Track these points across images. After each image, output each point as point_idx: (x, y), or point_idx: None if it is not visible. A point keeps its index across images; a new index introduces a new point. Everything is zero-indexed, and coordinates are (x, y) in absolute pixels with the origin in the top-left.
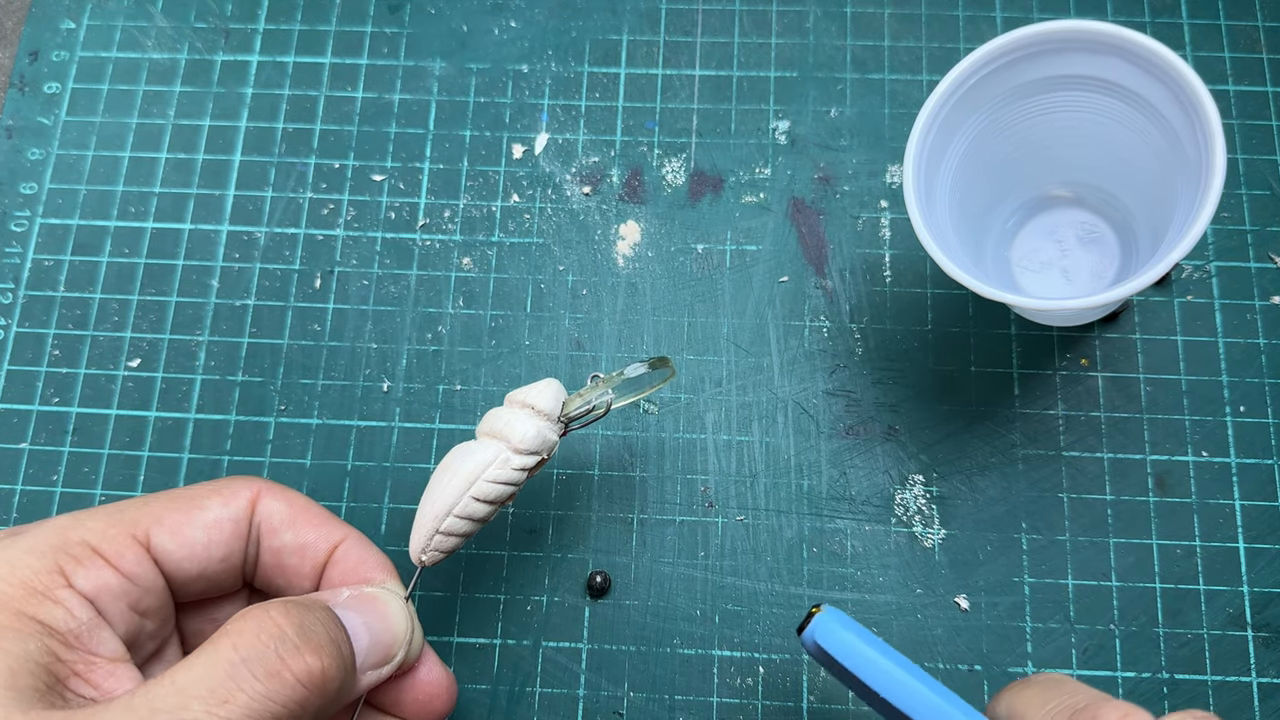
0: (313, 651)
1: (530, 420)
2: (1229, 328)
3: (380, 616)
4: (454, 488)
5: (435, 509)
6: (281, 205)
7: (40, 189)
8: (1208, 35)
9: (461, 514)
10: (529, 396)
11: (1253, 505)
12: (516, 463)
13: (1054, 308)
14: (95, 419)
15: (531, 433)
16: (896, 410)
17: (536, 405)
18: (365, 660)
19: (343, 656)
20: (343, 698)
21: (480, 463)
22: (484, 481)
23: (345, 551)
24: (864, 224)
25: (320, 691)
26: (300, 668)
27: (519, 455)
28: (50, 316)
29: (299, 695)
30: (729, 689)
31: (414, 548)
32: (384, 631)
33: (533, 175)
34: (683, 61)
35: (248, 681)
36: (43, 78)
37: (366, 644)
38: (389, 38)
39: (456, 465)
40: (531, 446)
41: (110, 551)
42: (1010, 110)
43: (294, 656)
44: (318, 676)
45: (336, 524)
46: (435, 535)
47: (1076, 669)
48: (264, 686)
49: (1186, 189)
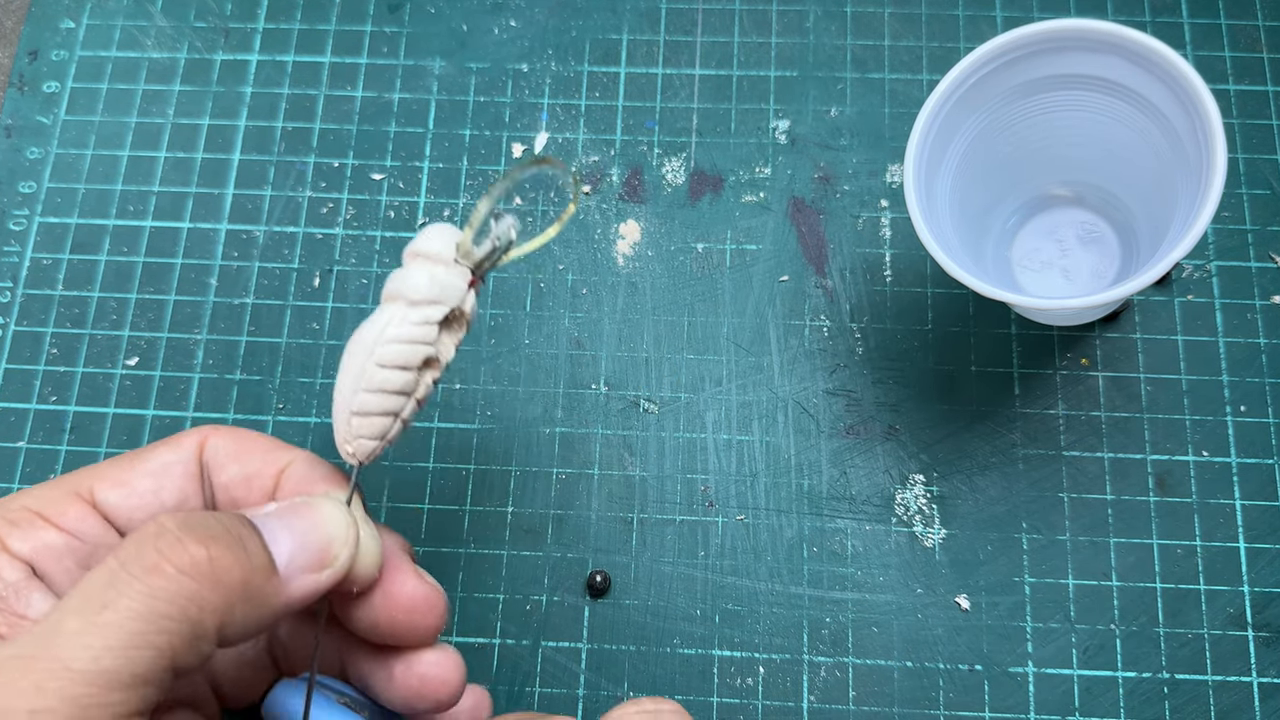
0: (196, 541)
1: (420, 267)
2: (1229, 327)
3: (304, 518)
4: (357, 361)
5: (344, 389)
6: (280, 204)
7: (39, 188)
8: (1208, 34)
9: (370, 387)
10: (416, 245)
11: (1253, 505)
12: (415, 316)
13: (1054, 307)
14: (93, 417)
15: (423, 280)
16: (897, 410)
17: (423, 250)
18: (291, 562)
19: (243, 549)
20: (261, 599)
21: (375, 326)
22: (383, 345)
23: (290, 473)
24: (864, 223)
25: (214, 583)
26: (183, 558)
27: (416, 308)
28: (48, 315)
29: (185, 588)
30: (729, 689)
31: (338, 440)
32: (310, 531)
33: (532, 174)
34: (683, 61)
35: (125, 582)
36: (42, 77)
37: (290, 546)
38: (388, 37)
39: (356, 338)
40: (426, 294)
41: (51, 512)
42: (1011, 109)
43: (174, 547)
44: (202, 565)
45: (284, 449)
46: (352, 419)
47: (1077, 669)
48: (143, 584)
49: (1187, 188)
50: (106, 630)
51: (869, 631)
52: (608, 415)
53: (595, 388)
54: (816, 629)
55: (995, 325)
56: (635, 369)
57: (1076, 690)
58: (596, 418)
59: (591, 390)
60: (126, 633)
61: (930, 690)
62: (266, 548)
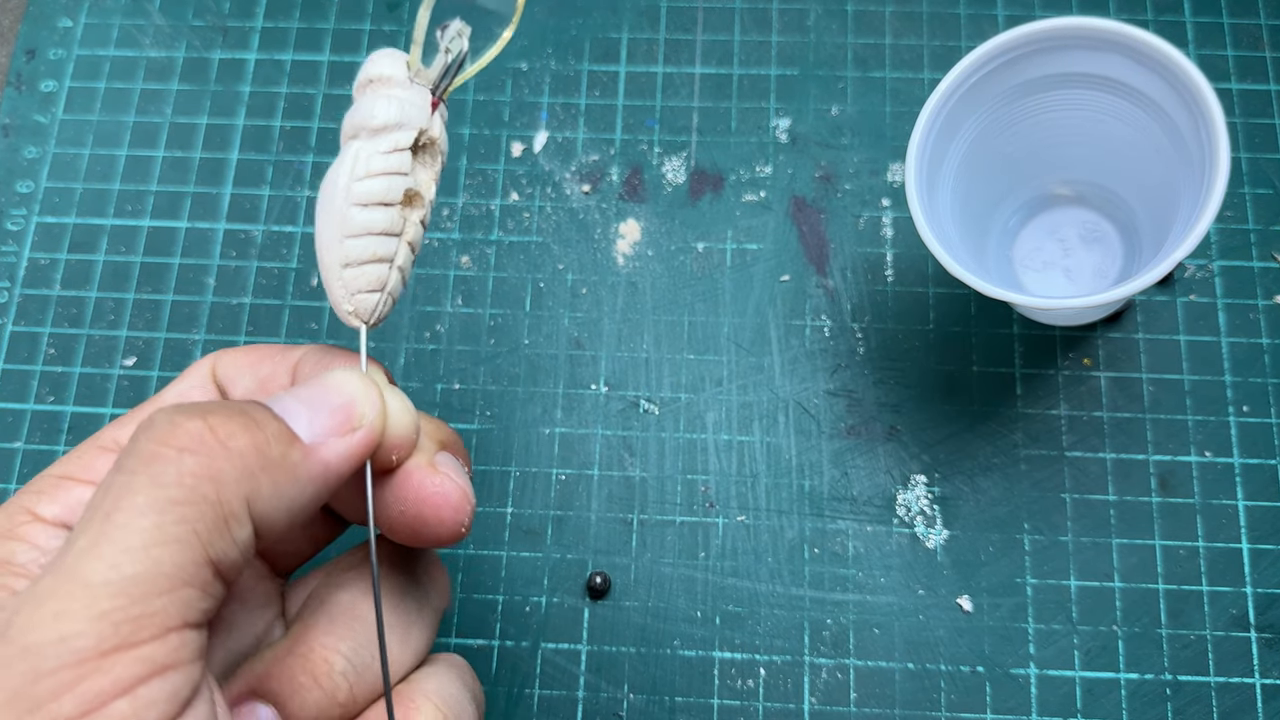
0: (189, 416)
1: (375, 95)
2: (1232, 327)
3: (316, 386)
4: (333, 209)
5: (327, 244)
6: (279, 203)
7: (37, 187)
8: (1210, 33)
9: (353, 232)
10: (365, 72)
11: (1256, 506)
12: (383, 145)
13: (1057, 306)
14: (91, 418)
15: (380, 105)
16: (898, 410)
17: (374, 75)
18: (313, 427)
19: (250, 419)
20: (288, 465)
21: (343, 169)
22: (355, 182)
23: (303, 364)
24: (865, 223)
25: (224, 452)
26: (179, 437)
27: (382, 136)
28: (46, 315)
29: (190, 464)
30: (729, 691)
31: (336, 306)
32: (325, 395)
33: (532, 173)
34: (683, 59)
35: (125, 480)
36: (39, 76)
37: (308, 414)
38: (388, 36)
39: (324, 188)
40: (387, 119)
41: (76, 469)
42: (1012, 108)
43: (168, 430)
44: (205, 435)
45: (294, 348)
46: (343, 273)
47: (1079, 670)
48: (144, 476)
49: (1190, 188)
50: (116, 534)
51: (870, 633)
52: (608, 416)
53: (595, 388)
54: (818, 630)
55: (997, 325)
56: (635, 369)
57: (1079, 692)
58: (596, 418)
59: (591, 390)
60: (138, 530)
61: (932, 692)
62: (276, 416)
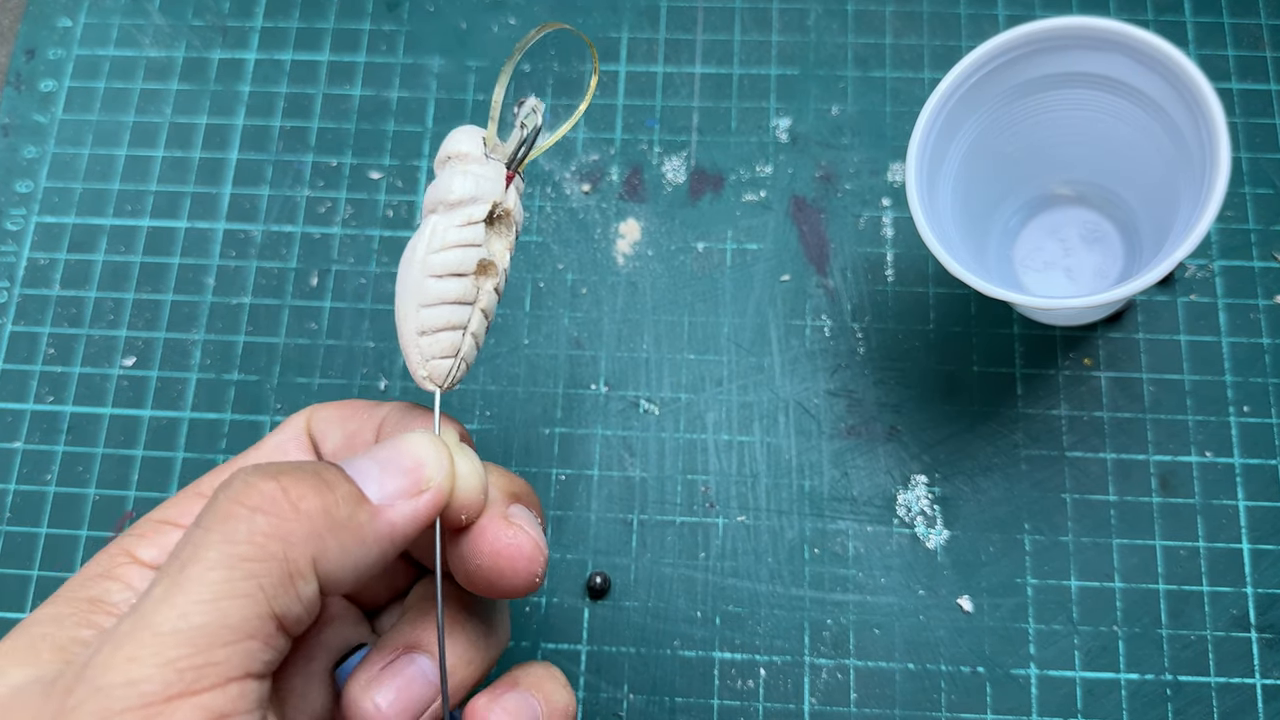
0: (265, 477)
1: (452, 169)
2: (1233, 327)
3: (388, 448)
4: (410, 280)
5: (405, 313)
6: (278, 203)
7: (36, 187)
8: (1211, 33)
9: (428, 301)
10: (444, 149)
11: (1257, 506)
12: (458, 218)
13: (1057, 306)
14: (90, 418)
15: (458, 179)
16: (898, 410)
17: (453, 152)
18: (384, 489)
19: (320, 478)
20: (354, 526)
21: (421, 241)
22: (431, 255)
23: (386, 423)
24: (866, 222)
25: (294, 514)
26: (253, 497)
27: (457, 209)
28: (45, 315)
29: (261, 524)
30: (730, 691)
31: (414, 371)
32: (397, 458)
33: (532, 173)
34: (683, 59)
35: (201, 537)
36: (39, 76)
37: (379, 475)
38: (387, 35)
39: (404, 260)
40: (462, 193)
41: (175, 515)
42: (1013, 108)
43: (243, 490)
44: (278, 497)
45: (382, 405)
46: (419, 340)
47: (1079, 670)
48: (218, 533)
49: (1190, 188)
50: (188, 585)
51: (870, 633)
52: (608, 416)
53: (595, 388)
54: (818, 631)
55: (997, 325)
56: (635, 369)
57: (1079, 692)
58: (596, 418)
59: (591, 390)
60: (209, 584)
61: (932, 692)
62: (348, 479)
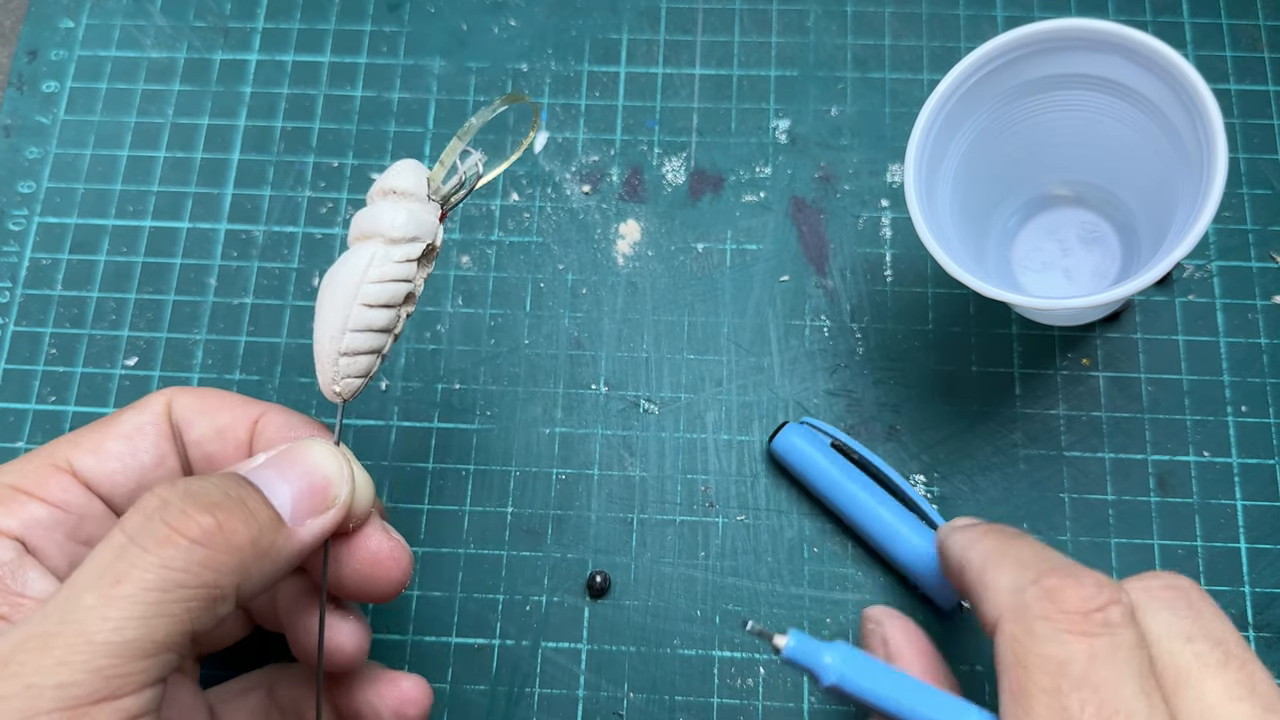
0: (202, 509)
1: (396, 205)
2: (1231, 327)
3: (299, 463)
4: (340, 302)
5: (329, 331)
6: (280, 204)
7: (38, 188)
8: (1209, 34)
9: (356, 327)
10: (388, 181)
11: (1255, 505)
12: (397, 254)
13: (1055, 307)
14: (92, 418)
15: (401, 217)
16: (897, 410)
17: (399, 188)
18: (295, 509)
19: (247, 510)
20: (273, 552)
21: (357, 267)
22: (368, 285)
23: (266, 424)
24: (865, 223)
25: (226, 547)
26: (191, 528)
27: (397, 246)
28: (48, 315)
29: (199, 556)
30: (729, 690)
31: (323, 383)
32: (306, 475)
33: (532, 174)
34: (683, 60)
35: (136, 556)
36: (41, 76)
37: (289, 494)
38: (388, 36)
39: (335, 279)
40: (405, 232)
41: (31, 484)
42: (1011, 109)
43: (181, 519)
44: (214, 533)
45: (254, 403)
46: (339, 359)
47: None
48: (155, 556)
49: (1188, 188)
50: (124, 602)
51: None
52: (608, 415)
53: (595, 388)
54: (817, 630)
55: (996, 325)
56: (635, 369)
57: None
58: (596, 418)
59: (591, 390)
60: (144, 604)
61: None
62: (269, 504)
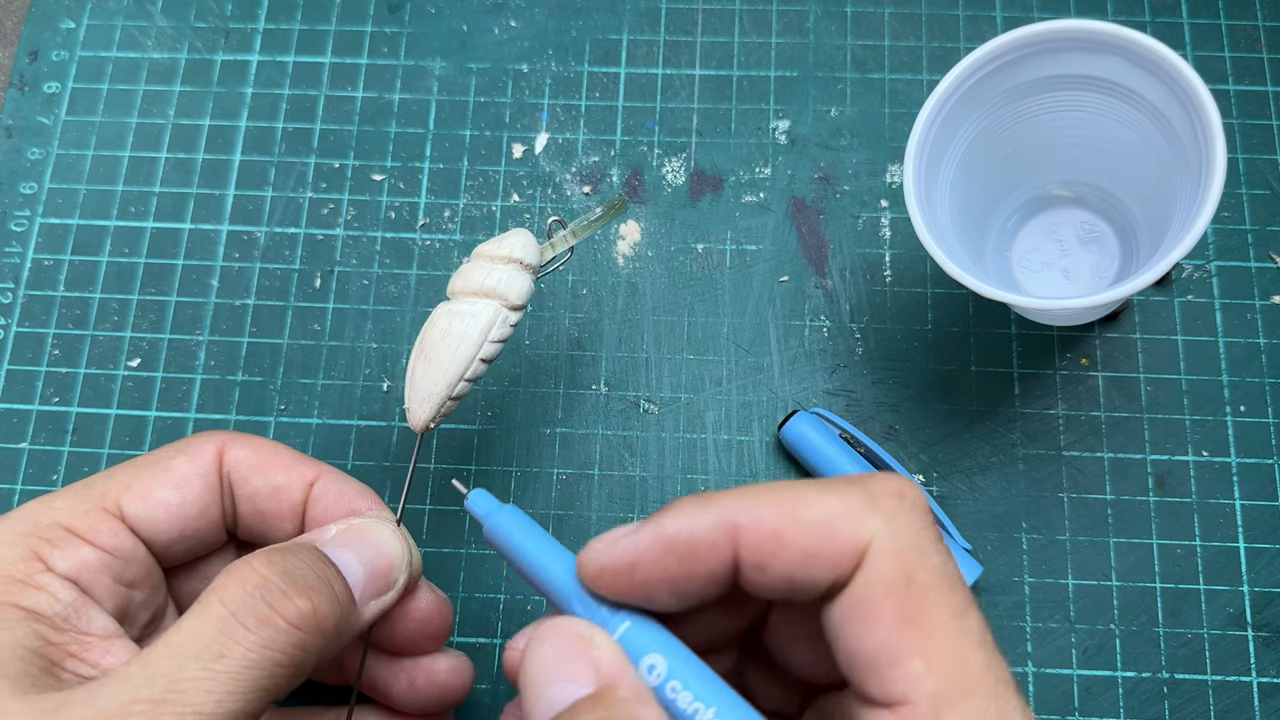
0: (301, 593)
1: (522, 275)
2: (1229, 327)
3: (371, 545)
4: (464, 353)
5: (448, 377)
6: (281, 205)
7: (40, 188)
8: (1208, 35)
9: (471, 376)
10: (514, 250)
11: (1253, 505)
12: (514, 319)
13: (1054, 307)
14: (95, 419)
15: (527, 288)
16: (897, 410)
17: (525, 259)
18: (364, 592)
19: (334, 593)
20: (346, 633)
21: (485, 324)
22: (490, 343)
23: (322, 488)
24: (864, 223)
25: (317, 631)
26: (291, 612)
27: (515, 312)
28: (50, 316)
29: (295, 639)
30: None
31: (419, 418)
32: (377, 559)
33: (533, 175)
34: (683, 61)
35: (240, 634)
36: (43, 77)
37: (362, 576)
38: (389, 37)
39: (460, 330)
40: (525, 301)
41: (84, 528)
42: (1010, 110)
43: (282, 602)
44: (310, 618)
45: (308, 463)
46: (448, 402)
47: (1076, 669)
48: (257, 636)
49: (1187, 188)
50: (225, 678)
51: None
52: (608, 416)
53: (595, 388)
54: None
55: (995, 325)
56: (635, 369)
57: (1076, 690)
58: (597, 418)
59: (592, 391)
60: (245, 680)
61: None
62: (348, 586)
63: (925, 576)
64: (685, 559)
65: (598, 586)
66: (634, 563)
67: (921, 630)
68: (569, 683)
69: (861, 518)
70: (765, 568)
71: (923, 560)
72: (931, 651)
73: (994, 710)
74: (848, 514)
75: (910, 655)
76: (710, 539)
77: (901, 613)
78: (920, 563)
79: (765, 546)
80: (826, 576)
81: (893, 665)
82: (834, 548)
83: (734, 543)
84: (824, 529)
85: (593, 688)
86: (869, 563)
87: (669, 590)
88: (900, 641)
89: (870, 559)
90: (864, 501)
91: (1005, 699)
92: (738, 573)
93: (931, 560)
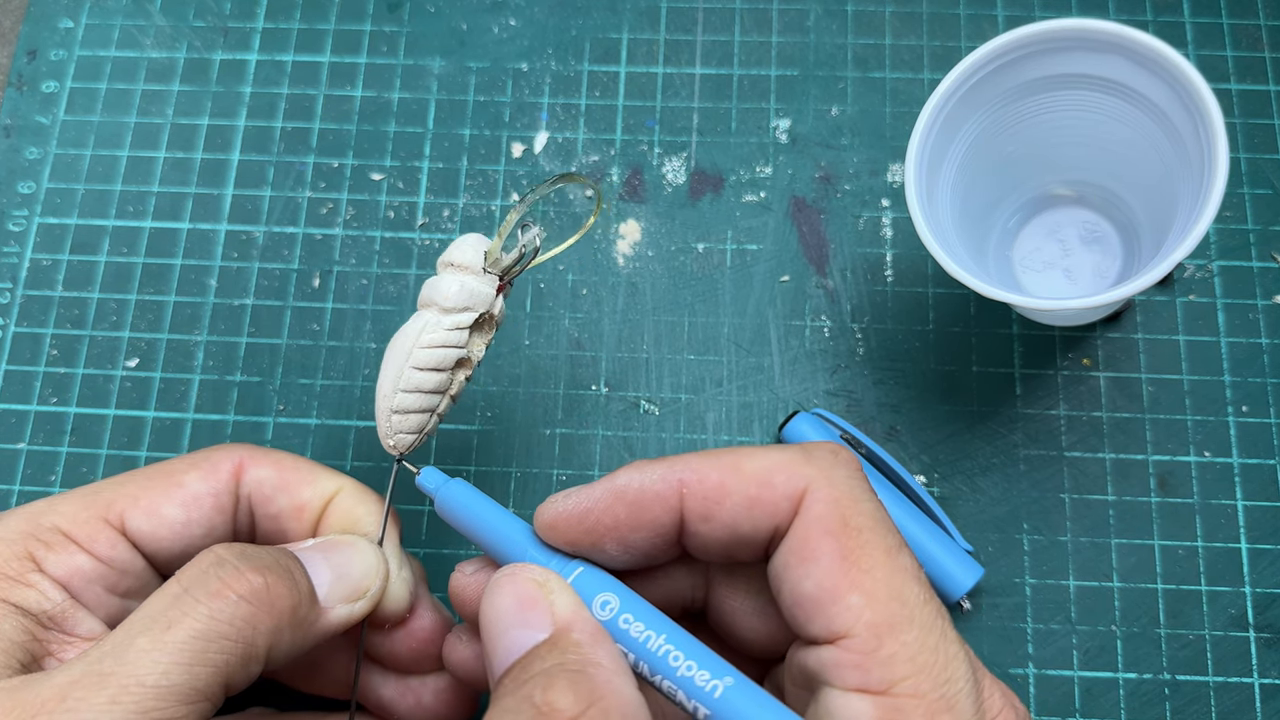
0: (254, 570)
1: (452, 276)
2: (1231, 327)
3: (341, 553)
4: (393, 364)
5: (383, 390)
6: (280, 204)
7: (38, 188)
8: (1210, 34)
9: (408, 388)
10: (448, 255)
11: (1255, 506)
12: (447, 322)
13: (1056, 307)
14: (93, 419)
15: (454, 288)
16: (898, 410)
17: (455, 260)
18: (330, 592)
19: (293, 579)
20: (305, 624)
21: (411, 332)
22: (419, 350)
23: (337, 504)
24: (865, 223)
25: (268, 608)
26: (242, 586)
27: (448, 314)
28: (48, 316)
29: (244, 611)
30: None
31: (382, 438)
32: (347, 565)
33: (533, 174)
34: (683, 60)
35: (189, 605)
36: (41, 76)
37: (329, 577)
38: (388, 36)
39: (394, 343)
40: (457, 302)
41: (82, 536)
42: (1012, 109)
43: (234, 576)
44: (261, 591)
45: (330, 477)
46: (392, 416)
47: (1078, 670)
48: (206, 607)
49: (1189, 188)
50: (173, 647)
51: None
52: (608, 416)
53: (595, 389)
54: None
55: (997, 325)
56: (635, 370)
57: (1077, 692)
58: (597, 419)
59: (592, 391)
60: (190, 650)
61: None
62: (309, 578)
63: (860, 519)
64: (634, 507)
65: (552, 536)
66: (587, 510)
67: (860, 567)
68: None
69: (798, 467)
70: (710, 517)
71: (857, 505)
72: (869, 586)
73: (932, 640)
74: (786, 464)
75: (849, 590)
76: (657, 489)
77: (839, 551)
78: (855, 507)
79: (710, 495)
80: (768, 523)
81: (834, 602)
82: (773, 494)
83: (680, 495)
84: (763, 477)
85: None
86: (806, 508)
87: (617, 541)
88: (839, 579)
89: (807, 504)
90: (800, 454)
91: (942, 630)
92: (683, 529)
93: (865, 505)
